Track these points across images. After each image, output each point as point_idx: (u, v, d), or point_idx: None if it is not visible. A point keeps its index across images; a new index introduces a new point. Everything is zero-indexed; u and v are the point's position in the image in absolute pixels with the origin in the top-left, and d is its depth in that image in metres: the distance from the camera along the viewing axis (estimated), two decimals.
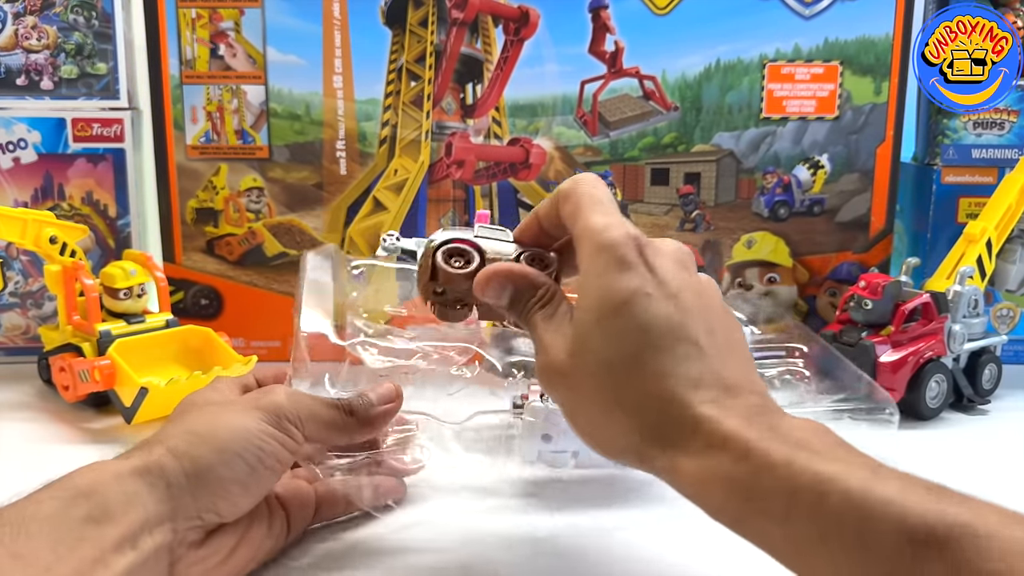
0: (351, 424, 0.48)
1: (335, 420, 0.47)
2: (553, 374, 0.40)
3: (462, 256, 0.46)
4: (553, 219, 0.45)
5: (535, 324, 0.42)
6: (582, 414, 0.40)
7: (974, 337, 0.79)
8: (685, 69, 0.86)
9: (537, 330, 0.42)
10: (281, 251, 0.88)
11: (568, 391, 0.40)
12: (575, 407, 0.40)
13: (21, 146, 0.86)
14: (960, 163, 0.88)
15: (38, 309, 0.89)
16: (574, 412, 0.41)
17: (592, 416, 0.39)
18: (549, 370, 0.41)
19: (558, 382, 0.40)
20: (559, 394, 0.41)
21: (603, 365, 0.38)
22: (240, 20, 0.85)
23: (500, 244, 0.47)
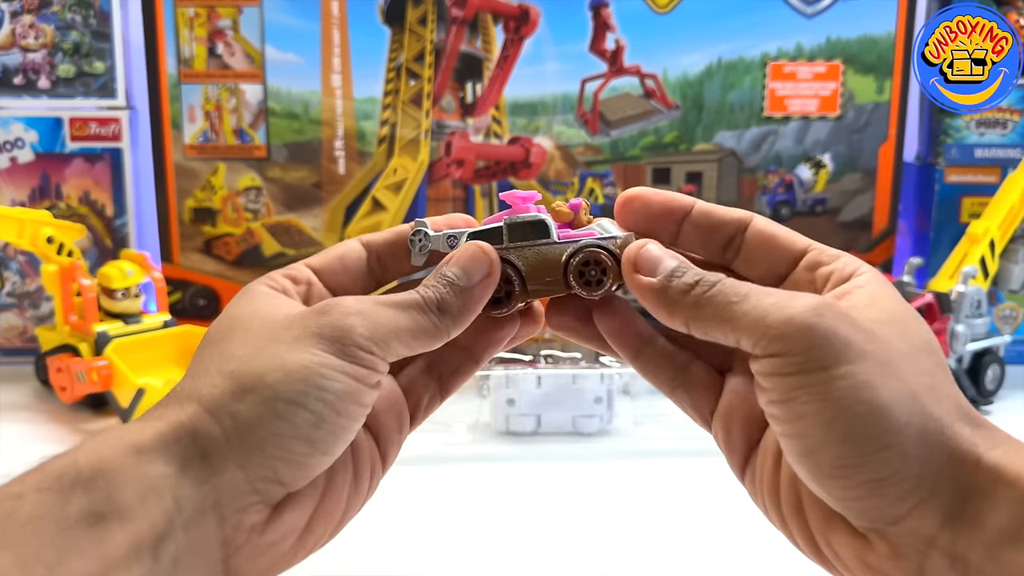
0: (447, 324, 0.34)
1: (425, 327, 0.34)
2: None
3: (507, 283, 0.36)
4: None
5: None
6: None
7: (977, 338, 0.79)
8: (686, 67, 0.86)
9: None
10: (279, 251, 0.88)
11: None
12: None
13: (18, 145, 0.86)
14: (963, 162, 0.87)
15: (35, 309, 0.89)
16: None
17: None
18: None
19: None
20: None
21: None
22: (238, 18, 0.84)
23: (539, 248, 0.36)
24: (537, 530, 0.57)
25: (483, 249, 0.36)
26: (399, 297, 0.34)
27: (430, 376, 0.39)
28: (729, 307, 0.31)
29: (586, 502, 0.60)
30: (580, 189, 0.88)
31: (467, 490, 0.62)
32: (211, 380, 0.31)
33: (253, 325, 0.33)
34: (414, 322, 0.34)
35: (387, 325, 0.33)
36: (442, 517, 0.58)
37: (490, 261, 0.35)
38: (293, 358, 0.31)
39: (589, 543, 0.55)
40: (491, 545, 0.55)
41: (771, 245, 0.35)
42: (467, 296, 0.35)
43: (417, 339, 0.34)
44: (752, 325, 0.30)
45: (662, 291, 0.33)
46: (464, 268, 0.35)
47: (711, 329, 0.32)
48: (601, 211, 0.88)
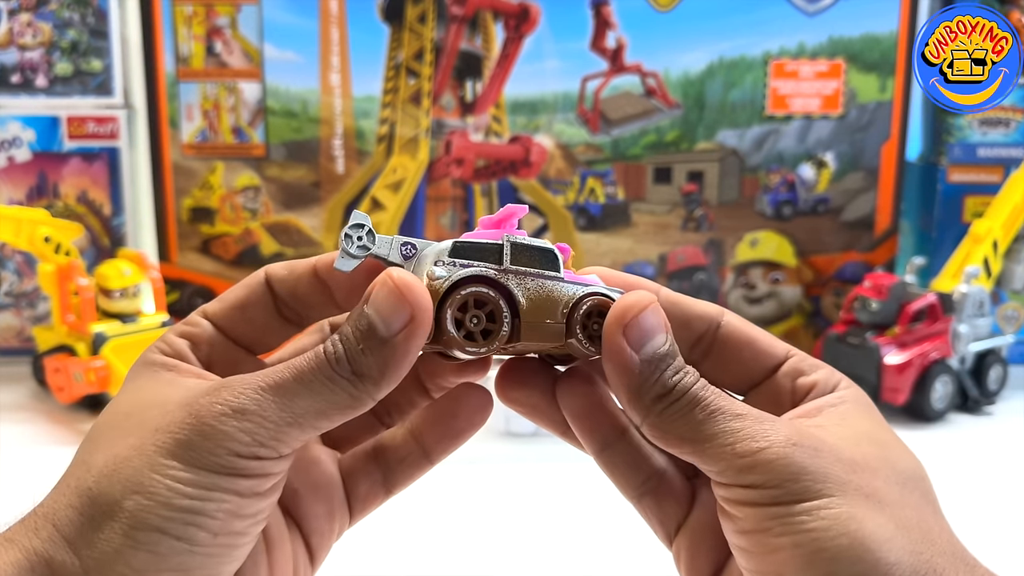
0: (366, 389, 0.27)
1: (336, 400, 0.27)
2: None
3: (482, 308, 0.28)
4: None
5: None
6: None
7: (980, 338, 0.78)
8: (688, 66, 0.85)
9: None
10: (278, 251, 0.87)
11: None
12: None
13: (16, 144, 0.85)
14: (966, 162, 0.87)
15: (32, 309, 0.88)
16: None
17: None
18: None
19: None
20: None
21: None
22: (236, 16, 0.84)
23: (544, 282, 0.29)
24: (537, 530, 0.57)
25: (403, 283, 0.27)
26: (298, 366, 0.27)
27: (375, 462, 0.33)
28: (695, 426, 0.27)
29: (586, 502, 0.60)
30: (581, 188, 0.87)
31: (467, 490, 0.62)
32: (69, 499, 0.27)
33: (126, 423, 0.28)
34: (320, 399, 0.27)
35: (279, 417, 0.26)
36: (442, 517, 0.58)
37: (413, 300, 0.27)
38: (155, 477, 0.26)
39: (589, 543, 0.55)
40: (491, 545, 0.55)
41: (747, 349, 0.31)
42: (388, 350, 0.27)
43: (327, 418, 0.27)
44: (718, 453, 0.27)
45: (637, 380, 0.28)
46: (379, 309, 0.27)
47: (668, 443, 0.28)
48: (602, 211, 0.88)
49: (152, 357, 0.30)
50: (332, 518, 0.32)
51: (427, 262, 0.29)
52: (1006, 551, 0.53)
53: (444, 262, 0.29)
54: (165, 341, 0.31)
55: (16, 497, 0.56)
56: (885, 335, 0.76)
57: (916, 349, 0.75)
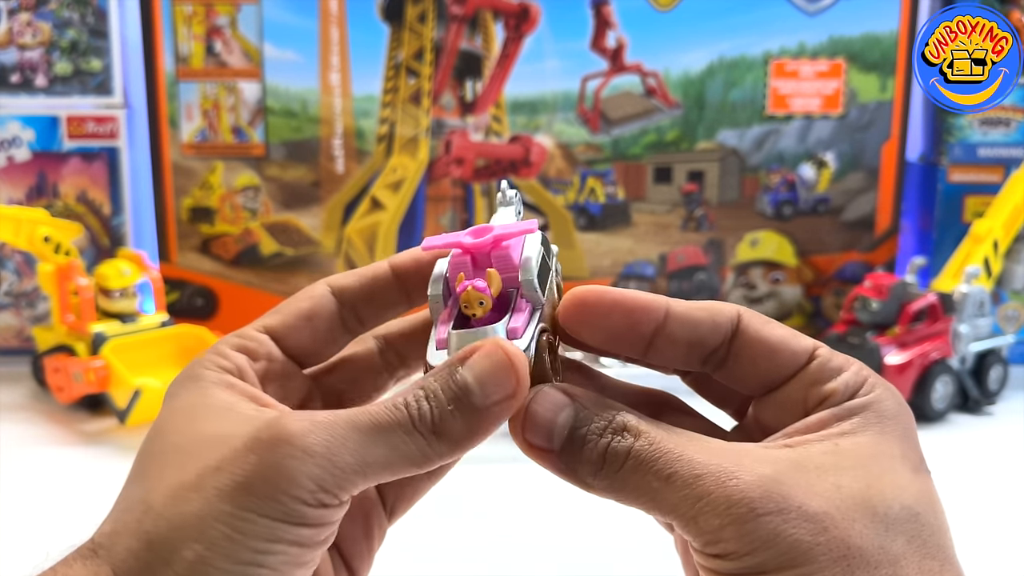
0: (441, 451, 0.26)
1: (408, 456, 0.26)
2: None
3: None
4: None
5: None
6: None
7: (980, 338, 0.78)
8: (688, 65, 0.85)
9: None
10: (277, 250, 0.87)
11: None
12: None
13: (15, 144, 0.85)
14: (966, 162, 0.87)
15: (32, 309, 0.88)
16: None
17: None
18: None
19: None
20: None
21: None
22: (236, 16, 0.84)
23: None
24: (537, 531, 0.56)
25: (510, 356, 0.26)
26: (375, 413, 0.25)
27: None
28: (652, 495, 0.25)
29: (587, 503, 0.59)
30: (581, 188, 0.87)
31: (466, 491, 0.61)
32: (128, 541, 0.25)
33: (182, 450, 0.26)
34: (393, 451, 0.25)
35: (350, 462, 0.25)
36: (441, 518, 0.57)
37: (517, 377, 0.26)
38: (216, 525, 0.24)
39: (589, 543, 0.54)
40: (491, 546, 0.55)
41: (766, 352, 0.29)
42: (479, 418, 0.26)
43: (392, 470, 0.26)
44: (683, 524, 0.25)
45: (567, 469, 0.26)
46: (481, 377, 0.26)
47: (638, 507, 0.26)
48: (602, 211, 0.88)
49: (206, 373, 0.28)
50: (371, 536, 0.31)
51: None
52: (1006, 551, 0.53)
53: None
54: (222, 354, 0.29)
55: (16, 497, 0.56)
56: (885, 335, 0.76)
57: (916, 349, 0.74)
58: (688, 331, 0.29)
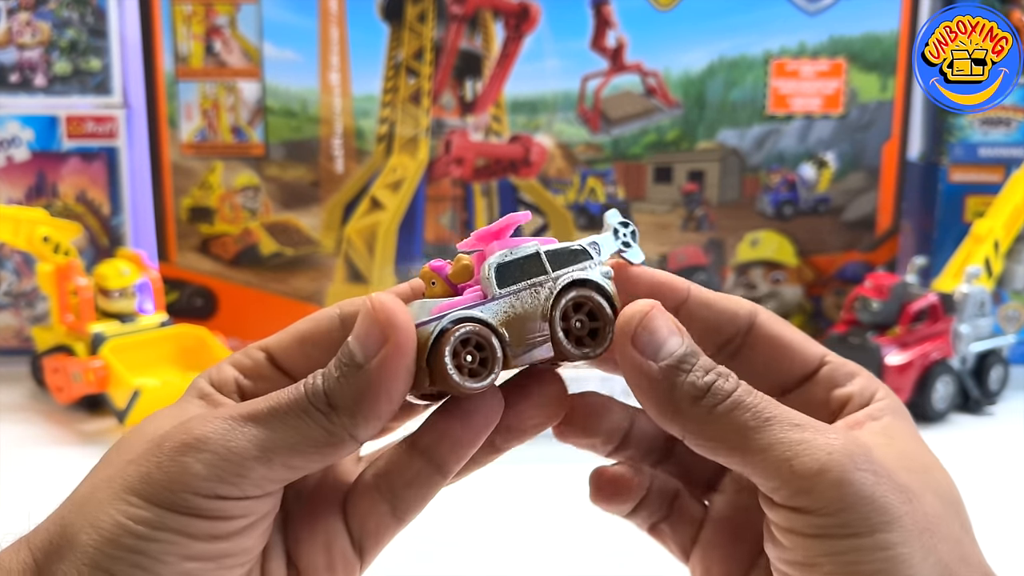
0: (343, 424, 0.25)
1: (311, 436, 0.25)
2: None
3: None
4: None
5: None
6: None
7: (981, 338, 0.78)
8: (688, 65, 0.85)
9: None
10: (277, 250, 0.87)
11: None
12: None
13: (15, 144, 0.85)
14: (967, 161, 0.86)
15: (31, 309, 0.88)
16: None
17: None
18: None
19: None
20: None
21: None
22: (235, 15, 0.84)
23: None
24: (538, 531, 0.56)
25: (379, 304, 0.25)
26: (275, 396, 0.25)
27: (378, 492, 0.28)
28: (747, 434, 0.25)
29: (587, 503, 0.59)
30: (581, 187, 0.87)
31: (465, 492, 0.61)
32: (47, 525, 0.26)
33: (124, 447, 0.27)
34: (294, 433, 0.25)
35: (247, 447, 0.24)
36: (441, 519, 0.57)
37: (388, 321, 0.25)
38: (110, 512, 0.25)
39: (589, 544, 0.54)
40: (490, 546, 0.54)
41: (779, 354, 0.29)
42: (363, 378, 0.25)
43: (300, 455, 0.25)
44: (774, 467, 0.25)
45: (663, 387, 0.26)
46: (357, 334, 0.25)
47: (717, 453, 0.26)
48: (602, 211, 0.88)
49: (197, 384, 0.29)
50: (332, 568, 0.29)
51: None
52: (1008, 551, 0.53)
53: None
54: (218, 368, 0.29)
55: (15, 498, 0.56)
56: (886, 335, 0.76)
57: (917, 349, 0.74)
58: (707, 314, 0.29)
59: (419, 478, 0.28)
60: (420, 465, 0.28)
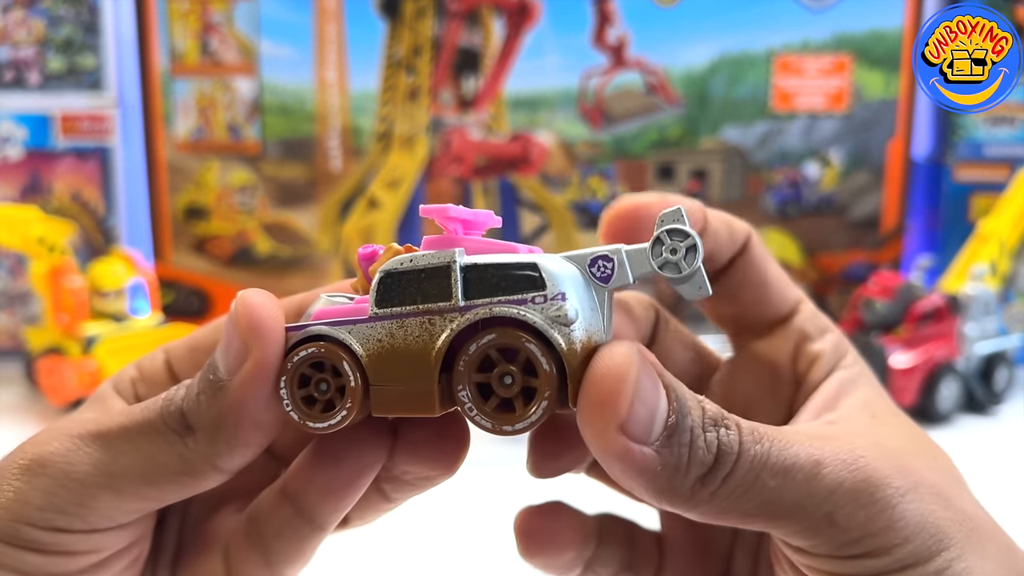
0: (200, 449, 0.21)
1: (163, 462, 0.21)
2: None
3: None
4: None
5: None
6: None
7: (987, 339, 0.77)
8: (691, 62, 0.84)
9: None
10: (273, 249, 0.86)
11: None
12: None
13: (9, 142, 0.84)
14: (972, 159, 0.86)
15: (24, 308, 0.87)
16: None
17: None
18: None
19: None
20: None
21: None
22: (231, 12, 0.83)
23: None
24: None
25: (244, 308, 0.21)
26: (128, 412, 0.21)
27: (249, 542, 0.25)
28: (770, 496, 0.21)
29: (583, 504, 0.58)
30: (582, 186, 0.86)
31: (461, 493, 0.60)
32: None
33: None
34: (145, 459, 0.21)
35: (86, 479, 0.20)
36: (436, 520, 0.57)
37: (245, 328, 0.21)
38: None
39: None
40: (487, 548, 0.54)
41: (761, 290, 0.28)
42: (224, 398, 0.21)
43: (153, 485, 0.21)
44: (814, 524, 0.21)
45: (664, 476, 0.20)
46: (221, 347, 0.21)
47: (741, 523, 0.22)
48: (603, 210, 0.87)
49: (102, 385, 0.26)
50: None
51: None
52: None
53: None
54: (128, 366, 0.26)
55: None
56: (891, 336, 0.75)
57: (923, 350, 0.73)
58: (708, 238, 0.26)
59: (288, 528, 0.24)
60: (289, 513, 0.24)
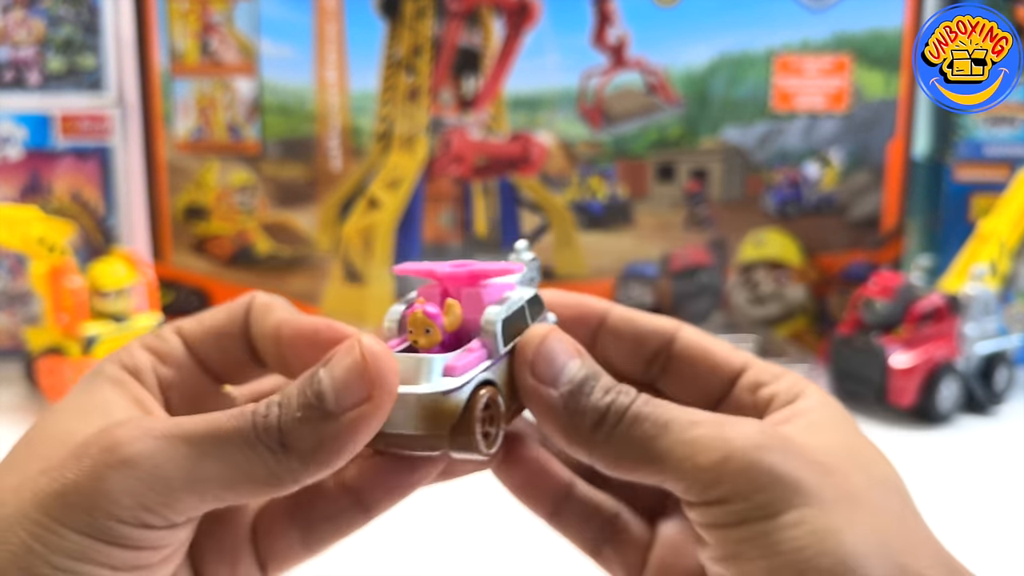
0: (291, 467, 0.23)
1: (252, 473, 0.22)
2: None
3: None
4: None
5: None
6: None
7: (987, 339, 0.77)
8: (691, 62, 0.84)
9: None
10: (273, 249, 0.86)
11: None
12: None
13: (8, 142, 0.84)
14: (972, 159, 0.86)
15: (24, 308, 0.87)
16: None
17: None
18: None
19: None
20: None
21: None
22: (231, 12, 0.83)
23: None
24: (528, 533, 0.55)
25: (372, 355, 0.23)
26: (216, 420, 0.22)
27: (291, 519, 0.27)
28: (648, 444, 0.24)
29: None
30: (582, 186, 0.86)
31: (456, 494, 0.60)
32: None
33: (33, 447, 0.24)
34: (232, 467, 0.22)
35: (178, 477, 0.22)
36: (431, 522, 0.57)
37: (372, 380, 0.22)
38: (20, 534, 0.21)
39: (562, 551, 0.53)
40: (483, 548, 0.54)
41: (704, 363, 0.30)
42: (330, 427, 0.22)
43: (234, 491, 0.22)
44: (680, 466, 0.24)
45: (565, 415, 0.25)
46: (335, 378, 0.23)
47: (626, 471, 0.25)
48: (603, 210, 0.87)
49: (106, 368, 0.26)
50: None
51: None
52: (1011, 554, 0.52)
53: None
54: (128, 351, 0.27)
55: None
56: (891, 336, 0.75)
57: (922, 350, 0.73)
58: (631, 330, 0.30)
59: (342, 516, 0.27)
60: (346, 504, 0.27)
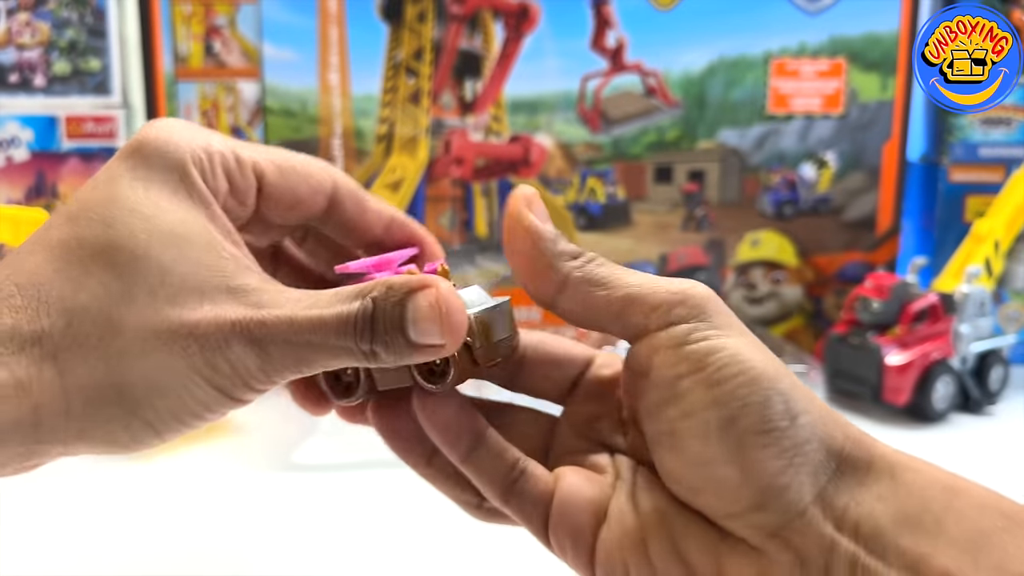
0: (362, 360, 0.27)
1: (334, 354, 0.27)
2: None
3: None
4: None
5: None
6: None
7: (982, 338, 0.78)
8: (688, 65, 0.85)
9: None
10: None
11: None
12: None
13: (14, 144, 0.85)
14: (967, 161, 0.86)
15: None
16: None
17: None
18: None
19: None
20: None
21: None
22: (235, 15, 0.84)
23: None
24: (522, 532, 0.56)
25: (447, 307, 0.27)
26: (326, 301, 0.27)
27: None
28: (619, 280, 0.29)
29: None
30: (581, 187, 0.87)
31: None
32: (86, 353, 0.25)
33: (165, 283, 0.26)
34: (331, 354, 0.27)
35: (296, 351, 0.26)
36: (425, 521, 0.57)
37: (445, 325, 0.27)
38: (176, 379, 0.26)
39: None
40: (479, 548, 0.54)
41: (553, 362, 0.34)
42: (407, 352, 0.27)
43: (329, 366, 0.27)
44: (649, 295, 0.29)
45: (551, 244, 0.30)
46: (417, 319, 0.27)
47: (599, 306, 0.29)
48: (602, 211, 0.88)
49: (189, 173, 0.29)
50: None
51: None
52: None
53: None
54: (210, 161, 0.30)
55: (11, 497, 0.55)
56: (886, 335, 0.76)
57: (917, 349, 0.74)
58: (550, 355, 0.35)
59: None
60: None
